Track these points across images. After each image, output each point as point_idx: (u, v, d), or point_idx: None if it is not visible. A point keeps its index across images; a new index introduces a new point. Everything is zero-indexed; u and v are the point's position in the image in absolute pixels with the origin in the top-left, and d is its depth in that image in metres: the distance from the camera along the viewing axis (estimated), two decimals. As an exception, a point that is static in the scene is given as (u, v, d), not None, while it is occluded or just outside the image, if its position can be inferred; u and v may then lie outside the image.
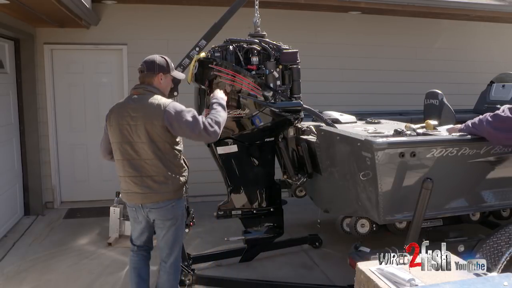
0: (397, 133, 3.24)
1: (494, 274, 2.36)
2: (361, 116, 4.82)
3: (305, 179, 3.98)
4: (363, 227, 3.72)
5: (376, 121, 4.48)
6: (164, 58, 3.02)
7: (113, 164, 3.42)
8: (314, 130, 3.86)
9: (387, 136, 3.13)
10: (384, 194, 3.02)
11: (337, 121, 4.19)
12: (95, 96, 6.24)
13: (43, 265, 4.30)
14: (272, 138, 3.90)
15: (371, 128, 3.83)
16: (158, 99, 2.87)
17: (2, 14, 4.62)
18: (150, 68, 2.95)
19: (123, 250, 4.53)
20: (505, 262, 3.08)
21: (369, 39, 6.96)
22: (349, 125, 4.13)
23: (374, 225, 3.69)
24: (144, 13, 6.12)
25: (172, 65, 3.08)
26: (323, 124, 3.90)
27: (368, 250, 3.27)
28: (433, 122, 3.44)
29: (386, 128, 3.76)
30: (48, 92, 6.06)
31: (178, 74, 3.20)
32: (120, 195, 3.12)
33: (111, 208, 4.97)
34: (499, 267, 3.05)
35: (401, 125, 3.74)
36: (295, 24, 6.61)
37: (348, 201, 3.52)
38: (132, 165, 2.87)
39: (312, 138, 3.81)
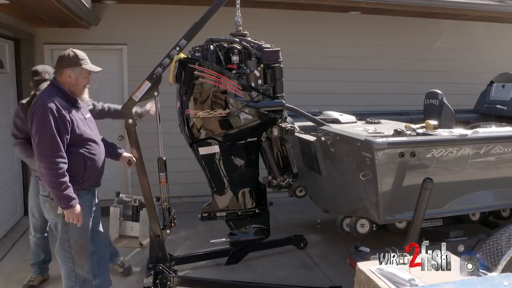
0: (397, 133, 3.24)
1: (494, 274, 2.36)
2: (361, 116, 4.82)
3: (290, 180, 3.98)
4: (363, 227, 3.72)
5: (376, 121, 4.48)
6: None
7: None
8: (298, 129, 3.83)
9: (387, 136, 3.13)
10: (384, 194, 3.03)
11: (337, 121, 4.18)
12: (95, 96, 6.21)
13: (43, 265, 4.29)
14: (255, 138, 3.88)
15: (371, 128, 3.83)
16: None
17: (2, 14, 4.61)
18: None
19: (123, 250, 4.52)
20: (505, 262, 3.08)
21: (369, 39, 6.96)
22: (349, 125, 4.13)
23: (374, 225, 3.69)
24: (144, 13, 6.12)
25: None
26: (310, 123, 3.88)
27: (368, 250, 3.27)
28: (433, 122, 3.44)
29: (386, 128, 3.76)
30: (48, 92, 6.05)
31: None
32: None
33: (111, 208, 4.95)
34: (499, 267, 3.05)
35: (401, 125, 3.74)
36: (295, 24, 6.61)
37: (348, 201, 3.52)
38: None
39: (311, 138, 3.81)
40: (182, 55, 3.57)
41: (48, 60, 6.00)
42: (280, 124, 3.83)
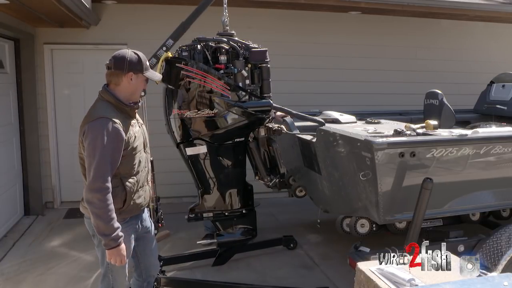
0: (397, 133, 3.24)
1: (494, 274, 2.36)
2: (361, 116, 4.82)
3: (277, 180, 3.97)
4: (363, 227, 3.72)
5: (376, 121, 4.48)
6: (137, 54, 2.55)
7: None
8: (285, 129, 3.84)
9: (387, 136, 3.13)
10: (384, 194, 3.03)
11: (337, 121, 4.19)
12: (95, 96, 6.16)
13: (43, 265, 4.29)
14: (243, 139, 3.87)
15: (371, 128, 3.83)
16: (97, 109, 2.51)
17: (2, 14, 4.62)
18: (119, 66, 2.52)
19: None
20: (505, 262, 3.08)
21: (369, 39, 6.96)
22: (349, 125, 4.13)
23: (374, 225, 3.69)
24: (144, 13, 6.12)
25: (147, 63, 2.60)
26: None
27: (368, 250, 3.27)
28: (433, 122, 3.44)
29: (386, 128, 3.76)
30: (48, 92, 6.06)
31: (153, 75, 2.67)
32: None
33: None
34: (499, 267, 3.05)
35: (401, 125, 3.74)
36: (295, 24, 6.61)
37: (348, 201, 3.52)
38: None
39: (311, 138, 3.81)
40: (169, 54, 3.56)
41: (48, 60, 6.02)
42: (267, 124, 3.82)
